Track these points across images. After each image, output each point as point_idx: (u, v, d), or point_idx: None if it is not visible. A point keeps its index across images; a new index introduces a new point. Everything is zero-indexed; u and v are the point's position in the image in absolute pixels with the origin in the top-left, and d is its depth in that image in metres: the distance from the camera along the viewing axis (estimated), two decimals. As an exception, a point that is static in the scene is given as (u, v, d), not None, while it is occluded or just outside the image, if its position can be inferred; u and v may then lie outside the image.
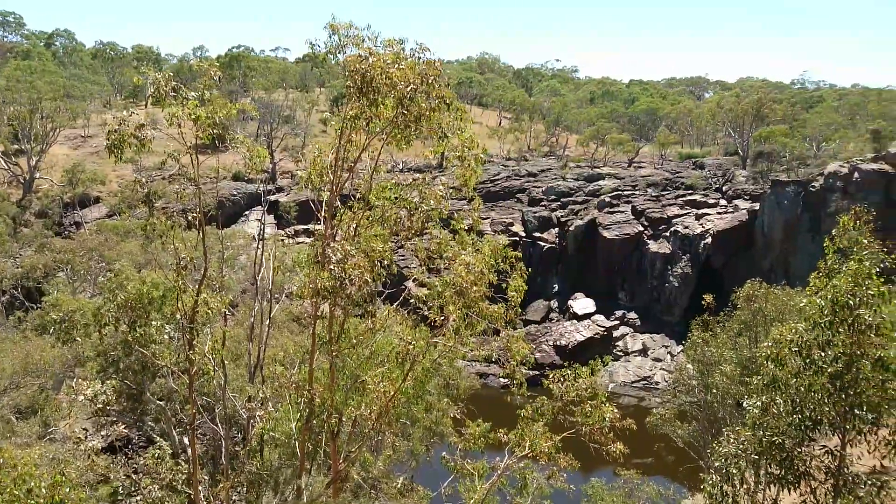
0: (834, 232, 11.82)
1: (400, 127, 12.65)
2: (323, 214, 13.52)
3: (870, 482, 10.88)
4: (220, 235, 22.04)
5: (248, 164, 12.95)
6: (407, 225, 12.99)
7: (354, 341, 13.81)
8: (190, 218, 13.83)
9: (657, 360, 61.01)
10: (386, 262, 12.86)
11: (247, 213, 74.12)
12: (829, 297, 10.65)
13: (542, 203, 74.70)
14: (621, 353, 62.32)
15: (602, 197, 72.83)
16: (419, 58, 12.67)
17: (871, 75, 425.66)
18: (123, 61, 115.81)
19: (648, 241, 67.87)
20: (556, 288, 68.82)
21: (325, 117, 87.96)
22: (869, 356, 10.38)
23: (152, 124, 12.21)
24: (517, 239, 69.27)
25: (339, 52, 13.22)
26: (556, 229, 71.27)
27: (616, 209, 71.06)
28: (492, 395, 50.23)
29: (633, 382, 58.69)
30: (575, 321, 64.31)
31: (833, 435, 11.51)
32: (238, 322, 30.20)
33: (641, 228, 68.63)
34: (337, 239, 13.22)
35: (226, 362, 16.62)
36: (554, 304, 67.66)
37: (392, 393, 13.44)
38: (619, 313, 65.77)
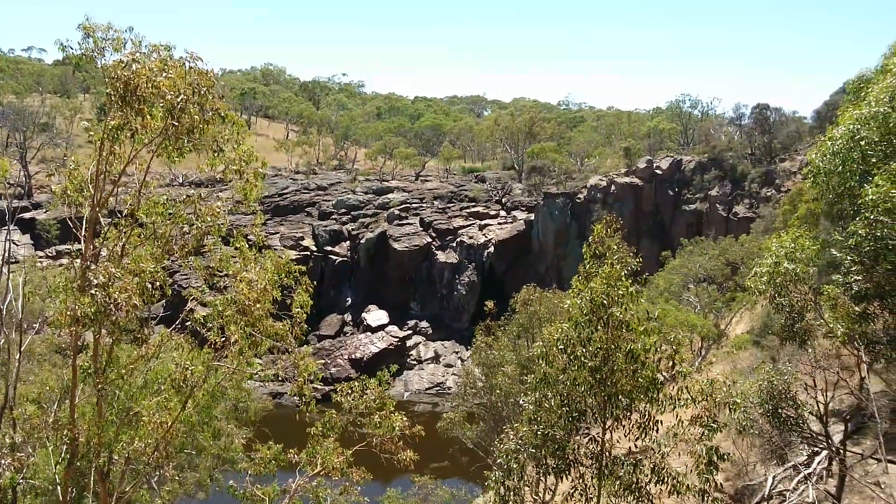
0: (590, 239, 13.11)
1: (171, 139, 11.88)
2: (83, 233, 12.25)
3: (627, 463, 12.16)
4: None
5: (-13, 177, 11.36)
6: (181, 243, 12.20)
7: (124, 371, 12.65)
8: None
9: (449, 365, 63.39)
10: (158, 284, 11.96)
11: (-5, 232, 65.26)
12: (588, 297, 11.79)
13: (333, 217, 74.54)
14: (415, 362, 63.89)
15: (391, 210, 74.37)
16: (190, 67, 12.00)
17: (622, 99, 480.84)
18: None
19: (437, 252, 70.47)
20: (350, 301, 68.93)
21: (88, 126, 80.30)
22: (622, 349, 11.62)
23: None
24: (308, 253, 68.43)
25: (98, 56, 12.12)
26: (348, 242, 71.47)
27: (405, 221, 72.96)
28: (287, 414, 48.76)
29: (427, 389, 60.39)
30: (369, 333, 64.82)
31: (597, 423, 12.70)
32: (-15, 358, 26.32)
33: (430, 240, 71.11)
34: (101, 260, 12.05)
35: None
36: (348, 317, 67.68)
37: (170, 423, 12.51)
38: (411, 323, 67.44)
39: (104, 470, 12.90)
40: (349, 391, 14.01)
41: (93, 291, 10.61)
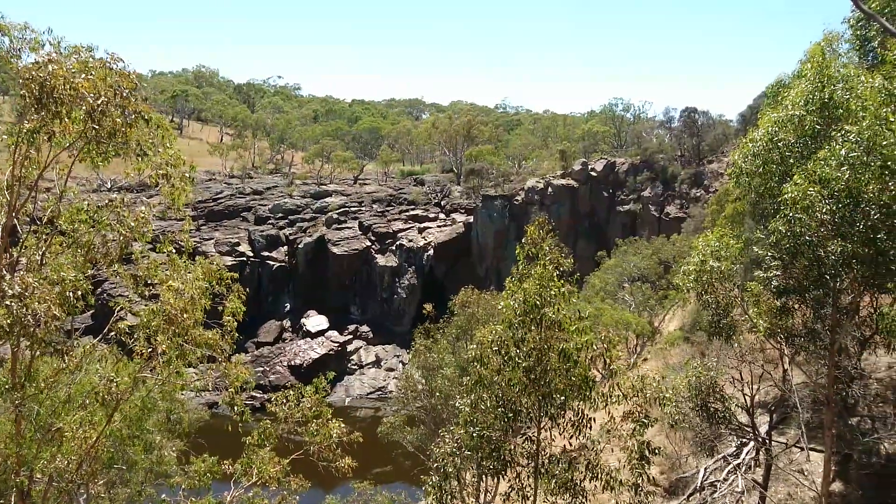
0: (523, 240, 13.25)
1: (93, 143, 11.46)
2: (-1, 242, 11.68)
3: (562, 461, 12.33)
4: None
5: None
6: (104, 251, 11.77)
7: (45, 385, 12.11)
8: None
9: (390, 369, 63.13)
10: (81, 293, 11.50)
11: None
12: (521, 298, 11.92)
13: (270, 221, 73.31)
14: (356, 367, 63.36)
15: (330, 214, 73.67)
16: (111, 68, 11.60)
17: (558, 102, 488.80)
18: None
19: (376, 256, 70.14)
20: (289, 307, 67.88)
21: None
22: (554, 349, 11.79)
23: None
24: (245, 259, 67.11)
25: (15, 58, 11.62)
26: (286, 247, 70.40)
27: (344, 225, 72.37)
28: (223, 424, 47.63)
29: (368, 394, 59.98)
30: (309, 339, 63.95)
31: (532, 423, 12.85)
32: None
33: (369, 243, 70.71)
34: (18, 269, 11.53)
35: None
36: (287, 323, 66.62)
37: (94, 438, 12.05)
38: (352, 327, 66.88)
39: (25, 489, 12.32)
40: (284, 400, 13.78)
41: (7, 302, 10.13)
